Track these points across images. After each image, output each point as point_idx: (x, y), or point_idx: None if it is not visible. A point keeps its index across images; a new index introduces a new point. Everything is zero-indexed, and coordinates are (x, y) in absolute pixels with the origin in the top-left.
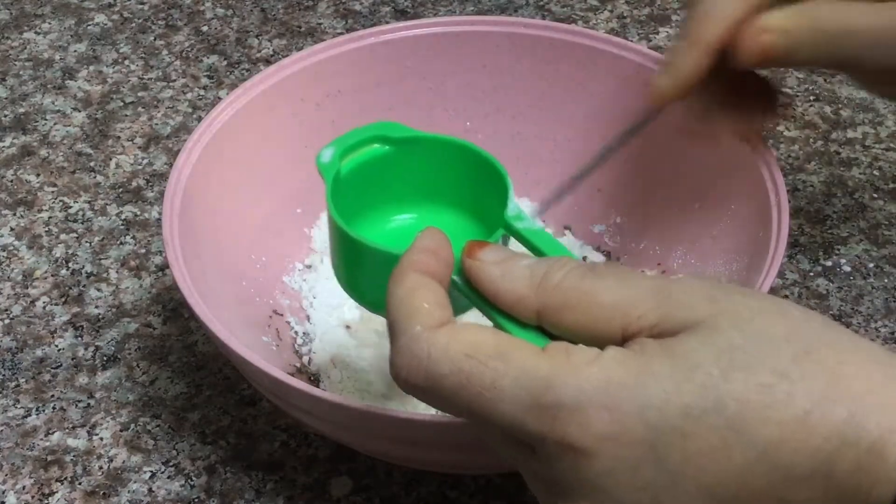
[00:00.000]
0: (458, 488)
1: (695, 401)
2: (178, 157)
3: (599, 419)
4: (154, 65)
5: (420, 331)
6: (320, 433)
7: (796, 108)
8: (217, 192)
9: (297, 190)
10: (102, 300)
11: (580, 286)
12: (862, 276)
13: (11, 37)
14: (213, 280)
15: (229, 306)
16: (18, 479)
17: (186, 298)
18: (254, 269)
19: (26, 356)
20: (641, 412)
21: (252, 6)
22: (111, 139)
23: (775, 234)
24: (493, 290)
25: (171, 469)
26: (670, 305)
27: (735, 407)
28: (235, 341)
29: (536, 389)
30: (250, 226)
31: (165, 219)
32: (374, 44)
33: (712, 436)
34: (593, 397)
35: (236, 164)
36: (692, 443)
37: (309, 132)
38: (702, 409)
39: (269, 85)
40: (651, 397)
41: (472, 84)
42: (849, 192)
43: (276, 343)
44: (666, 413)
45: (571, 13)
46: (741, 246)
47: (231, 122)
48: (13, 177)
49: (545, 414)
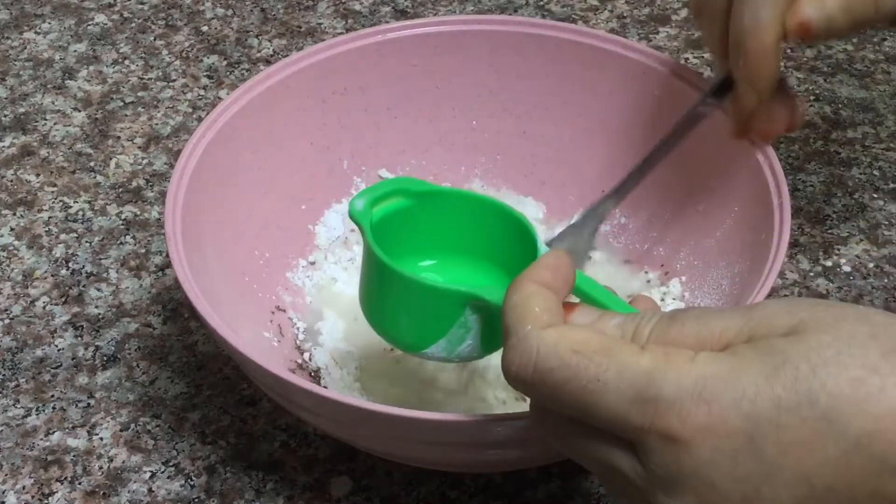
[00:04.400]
0: (458, 488)
1: (786, 393)
2: (182, 152)
3: (698, 411)
4: (154, 65)
5: (530, 329)
6: (321, 431)
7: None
8: (221, 188)
9: (301, 186)
10: (102, 300)
11: (666, 336)
12: (862, 276)
13: (11, 37)
14: (215, 276)
15: (231, 302)
16: (18, 479)
17: (188, 294)
18: (256, 265)
19: (26, 356)
20: (737, 404)
21: (252, 6)
22: (111, 139)
23: (777, 236)
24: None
25: (171, 469)
26: (754, 324)
27: (827, 400)
28: (235, 337)
29: (639, 383)
30: (254, 222)
31: (168, 214)
32: (381, 42)
33: (806, 427)
34: (692, 391)
35: (240, 160)
36: (787, 434)
37: (314, 129)
38: (794, 402)
39: (275, 82)
40: (745, 389)
41: (478, 83)
42: (849, 192)
43: (277, 339)
44: (758, 405)
45: (571, 13)
46: (744, 247)
47: (236, 119)
48: (13, 177)
49: (647, 407)
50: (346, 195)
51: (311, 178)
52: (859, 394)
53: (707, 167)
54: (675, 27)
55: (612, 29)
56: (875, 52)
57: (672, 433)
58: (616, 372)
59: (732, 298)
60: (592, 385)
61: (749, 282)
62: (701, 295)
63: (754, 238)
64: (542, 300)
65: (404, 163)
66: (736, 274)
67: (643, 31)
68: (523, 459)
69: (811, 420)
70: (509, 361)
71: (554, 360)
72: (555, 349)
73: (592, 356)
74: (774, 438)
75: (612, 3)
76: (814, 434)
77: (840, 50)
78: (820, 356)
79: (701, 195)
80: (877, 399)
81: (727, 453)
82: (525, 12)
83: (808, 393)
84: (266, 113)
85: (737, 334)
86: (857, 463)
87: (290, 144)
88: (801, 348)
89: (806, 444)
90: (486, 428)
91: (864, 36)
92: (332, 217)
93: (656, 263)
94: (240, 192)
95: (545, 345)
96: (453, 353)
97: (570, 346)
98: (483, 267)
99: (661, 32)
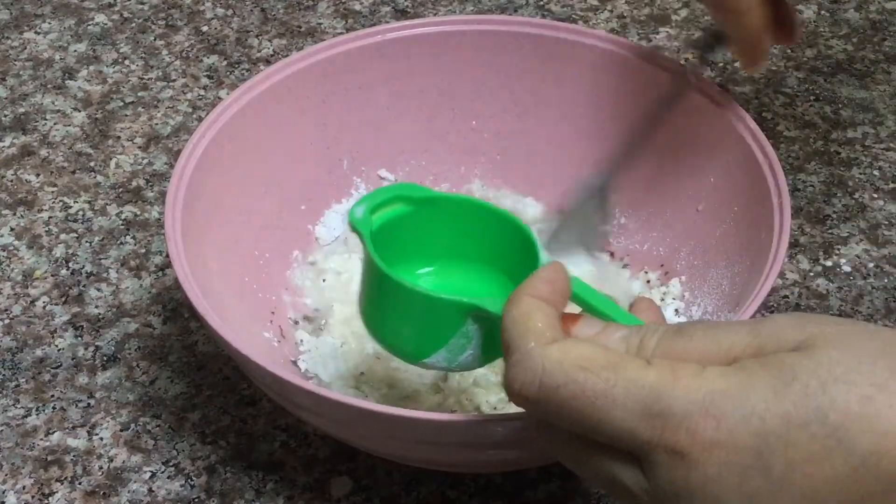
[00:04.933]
0: (458, 488)
1: (795, 410)
2: (182, 152)
3: (707, 426)
4: (154, 65)
5: (534, 346)
6: (321, 432)
7: (796, 108)
8: (221, 188)
9: (301, 186)
10: (102, 300)
11: (672, 350)
12: (862, 276)
13: (11, 37)
14: (215, 276)
15: (231, 302)
16: (18, 479)
17: (188, 294)
18: (257, 265)
19: (26, 356)
20: (746, 420)
21: (252, 6)
22: (111, 139)
23: (777, 236)
24: None
25: (171, 469)
26: (763, 339)
27: (836, 417)
28: (235, 337)
29: (647, 398)
30: (255, 222)
31: (168, 213)
32: (381, 42)
33: (814, 444)
34: (700, 406)
35: (241, 159)
36: (795, 451)
37: (314, 130)
38: (803, 419)
39: (275, 82)
40: (754, 405)
41: (479, 83)
42: (849, 192)
43: (277, 339)
44: (767, 421)
45: (571, 13)
46: (743, 248)
47: (236, 119)
48: (13, 177)
49: (655, 421)
50: (345, 195)
51: (311, 179)
52: (868, 411)
53: (707, 167)
54: (676, 27)
55: (612, 29)
56: (875, 52)
57: (680, 448)
58: (624, 388)
59: (732, 299)
60: (601, 401)
61: (749, 282)
62: (701, 295)
63: (754, 238)
64: (542, 315)
65: (404, 163)
66: (736, 274)
67: (643, 31)
68: (523, 459)
69: (820, 437)
70: (513, 378)
71: (560, 376)
72: (560, 366)
73: (599, 372)
74: (783, 455)
75: (612, 3)
76: (822, 451)
77: (840, 50)
78: (829, 372)
79: (701, 195)
80: (886, 417)
81: (735, 469)
82: (525, 12)
83: (818, 410)
84: (266, 113)
85: (745, 349)
86: (865, 480)
87: (290, 144)
88: (811, 364)
89: (814, 461)
90: (486, 428)
91: (864, 36)
92: (331, 217)
93: (656, 263)
94: (240, 193)
95: (550, 361)
96: (454, 362)
97: (575, 363)
98: (484, 272)
99: (661, 32)
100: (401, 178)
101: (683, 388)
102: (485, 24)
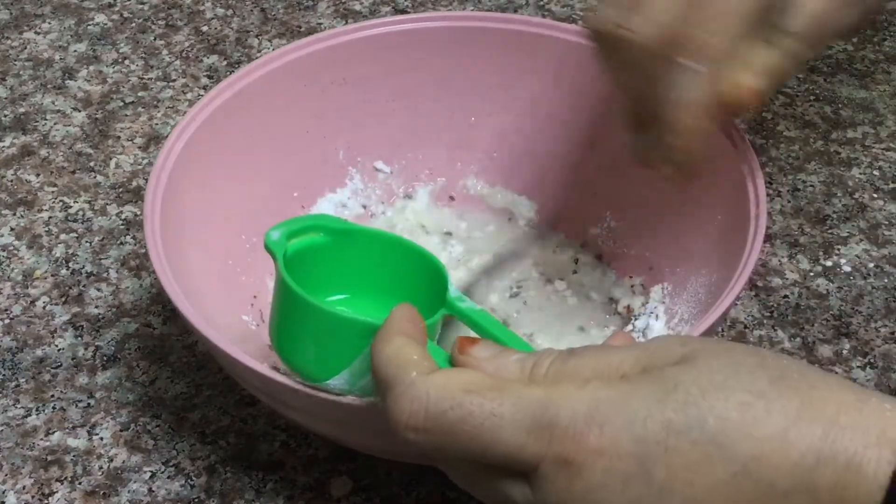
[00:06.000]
0: (457, 488)
1: (676, 416)
2: (170, 134)
3: (590, 433)
4: (154, 65)
5: (416, 375)
6: (312, 430)
7: (796, 108)
8: (210, 172)
9: (294, 173)
10: (102, 300)
11: (564, 371)
12: (862, 276)
13: (11, 37)
14: (195, 257)
15: (209, 284)
16: (18, 479)
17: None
18: (243, 249)
19: (26, 356)
20: (628, 427)
21: (252, 6)
22: (111, 139)
23: (749, 246)
24: None
25: (171, 469)
26: (649, 355)
27: (715, 423)
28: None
29: (535, 411)
30: (245, 206)
31: (149, 192)
32: (384, 34)
33: (695, 450)
34: (585, 414)
35: (233, 143)
36: (676, 457)
37: (310, 118)
38: (683, 425)
39: (273, 67)
40: (636, 411)
41: (479, 80)
42: (849, 192)
43: (256, 322)
44: (649, 427)
45: (571, 13)
46: (721, 257)
47: (231, 101)
48: (13, 177)
49: (543, 433)
50: (340, 185)
51: (305, 166)
52: (746, 418)
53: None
54: None
55: None
56: (875, 52)
57: (566, 457)
58: (511, 404)
59: (707, 307)
60: (489, 422)
61: (720, 291)
62: (680, 302)
63: (736, 246)
64: (417, 348)
65: (400, 156)
66: (713, 283)
67: None
68: None
69: (700, 443)
70: (399, 411)
71: (447, 401)
72: (446, 390)
73: (486, 393)
74: (664, 461)
75: None
76: (703, 457)
77: (840, 50)
78: (710, 381)
79: (686, 203)
80: (763, 423)
81: (618, 476)
82: (525, 12)
83: (698, 416)
84: (263, 97)
85: (633, 366)
86: (746, 487)
87: (286, 131)
88: (693, 373)
89: (695, 468)
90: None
91: (864, 36)
92: (324, 205)
93: (644, 267)
94: (230, 175)
95: (435, 388)
96: (355, 385)
97: (461, 387)
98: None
99: None
100: (396, 171)
101: (568, 399)
102: (487, 21)
